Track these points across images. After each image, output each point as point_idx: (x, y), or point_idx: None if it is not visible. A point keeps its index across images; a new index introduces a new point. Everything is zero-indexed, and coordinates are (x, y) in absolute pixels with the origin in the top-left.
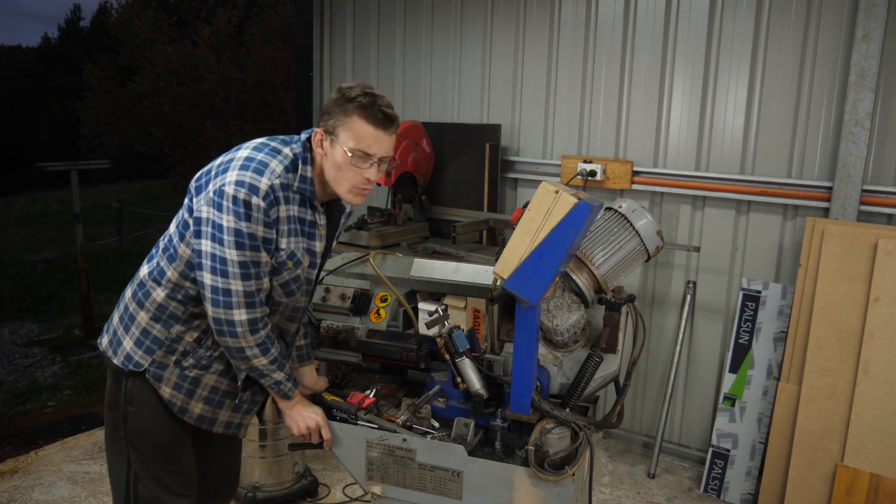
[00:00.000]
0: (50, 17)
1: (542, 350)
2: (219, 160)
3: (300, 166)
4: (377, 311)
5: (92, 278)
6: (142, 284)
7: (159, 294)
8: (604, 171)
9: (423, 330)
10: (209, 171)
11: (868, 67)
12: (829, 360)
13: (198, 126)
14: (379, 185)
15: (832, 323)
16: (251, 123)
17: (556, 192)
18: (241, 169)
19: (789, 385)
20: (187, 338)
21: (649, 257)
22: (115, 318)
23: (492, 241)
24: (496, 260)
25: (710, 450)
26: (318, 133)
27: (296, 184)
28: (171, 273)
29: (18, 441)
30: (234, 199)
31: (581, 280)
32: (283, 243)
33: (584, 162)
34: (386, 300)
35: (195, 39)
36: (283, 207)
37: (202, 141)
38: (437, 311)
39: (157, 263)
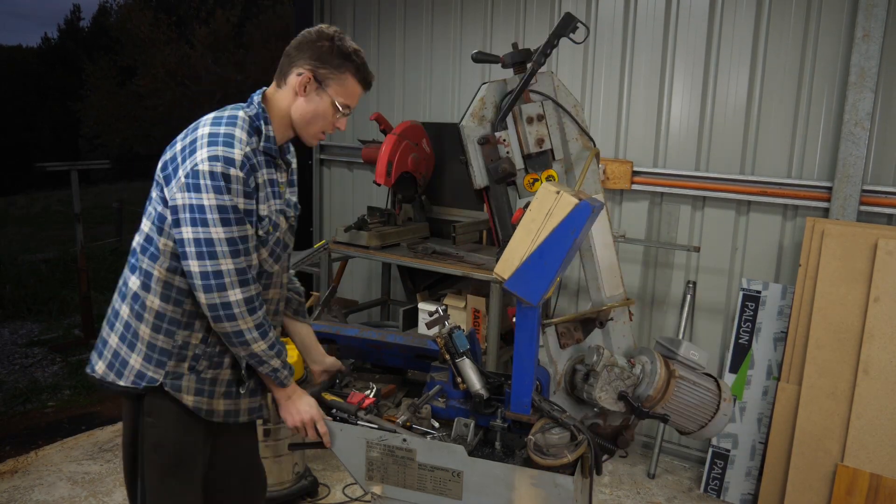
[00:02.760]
0: (50, 18)
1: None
2: (178, 145)
3: (262, 126)
4: (532, 182)
5: (92, 278)
6: (136, 296)
7: (154, 301)
8: (604, 171)
9: (423, 330)
10: (174, 159)
11: (868, 67)
12: (829, 360)
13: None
14: (378, 185)
15: (832, 323)
16: None
17: (557, 192)
18: (210, 145)
19: (789, 385)
20: (193, 341)
21: (686, 432)
22: (113, 338)
23: (491, 241)
24: (496, 260)
25: (710, 450)
26: (304, 76)
27: (261, 144)
28: (157, 272)
29: (18, 441)
30: (212, 174)
31: (654, 388)
32: (263, 210)
33: None
34: (552, 178)
35: (192, 41)
36: (259, 173)
37: None
38: (437, 311)
39: (142, 269)
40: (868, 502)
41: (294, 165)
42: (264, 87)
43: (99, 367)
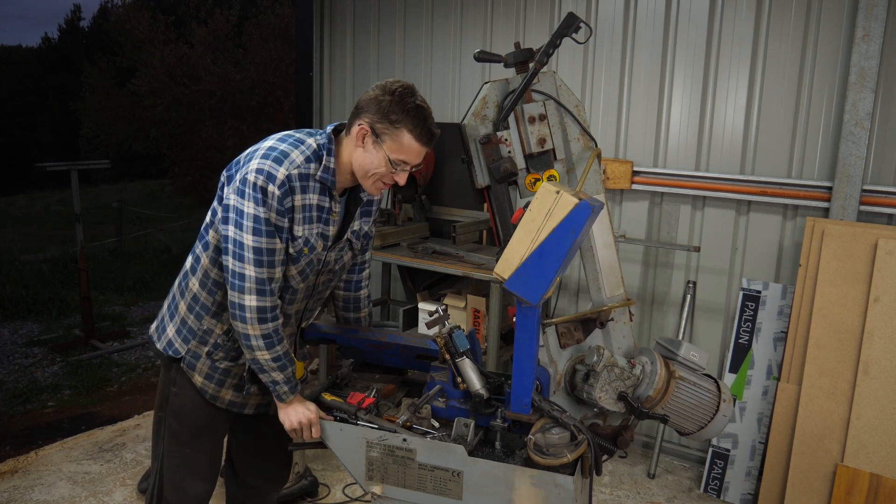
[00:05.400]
0: (50, 18)
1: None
2: (248, 150)
3: (324, 157)
4: (534, 182)
5: (92, 278)
6: (185, 275)
7: (194, 284)
8: (604, 171)
9: (423, 330)
10: (238, 161)
11: (868, 67)
12: (829, 360)
13: (195, 127)
14: None
15: (832, 323)
16: (249, 124)
17: (557, 192)
18: (263, 158)
19: (789, 385)
20: (217, 330)
21: (686, 433)
22: (164, 305)
23: (492, 241)
24: (496, 260)
25: (710, 450)
26: (363, 128)
27: (318, 173)
28: (203, 260)
29: (18, 441)
30: (254, 185)
31: (654, 389)
32: (298, 231)
33: None
34: (553, 178)
35: (191, 40)
36: (298, 197)
37: (199, 142)
38: (437, 311)
39: (195, 253)
40: (868, 502)
41: (376, 198)
42: (337, 122)
43: (153, 326)
